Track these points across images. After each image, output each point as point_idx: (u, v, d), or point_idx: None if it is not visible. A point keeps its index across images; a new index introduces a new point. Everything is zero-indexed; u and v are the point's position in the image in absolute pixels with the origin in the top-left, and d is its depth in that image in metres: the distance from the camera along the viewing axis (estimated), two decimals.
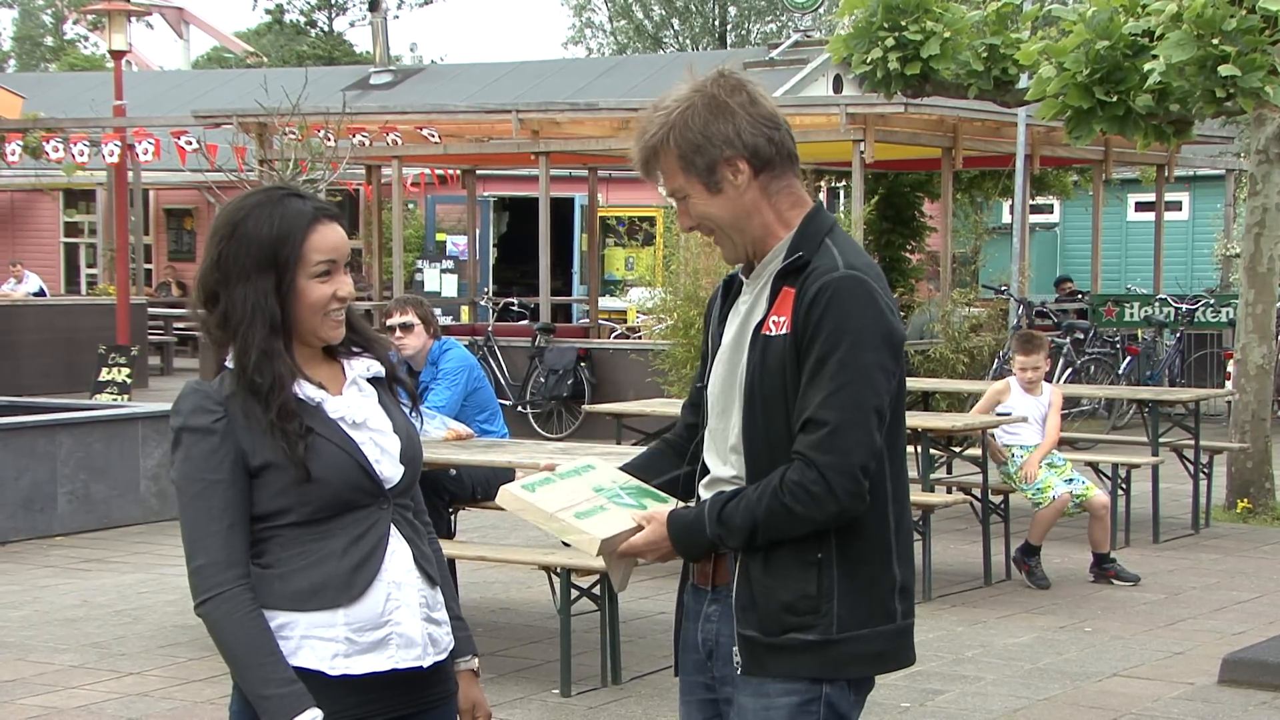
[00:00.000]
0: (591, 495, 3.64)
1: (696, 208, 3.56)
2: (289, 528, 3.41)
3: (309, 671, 3.37)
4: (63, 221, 35.61)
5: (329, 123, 18.49)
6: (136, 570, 10.90)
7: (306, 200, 3.49)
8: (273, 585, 3.40)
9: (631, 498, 3.67)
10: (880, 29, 13.45)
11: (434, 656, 3.49)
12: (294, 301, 3.42)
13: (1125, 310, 19.96)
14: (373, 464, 3.46)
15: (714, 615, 3.60)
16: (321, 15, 59.15)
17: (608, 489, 3.68)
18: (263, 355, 3.39)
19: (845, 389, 3.39)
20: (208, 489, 3.37)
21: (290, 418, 3.38)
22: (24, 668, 8.36)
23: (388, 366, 3.60)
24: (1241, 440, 13.11)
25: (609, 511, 3.60)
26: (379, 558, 3.43)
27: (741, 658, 3.51)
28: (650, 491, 3.72)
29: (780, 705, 3.49)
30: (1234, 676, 8.04)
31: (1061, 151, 20.59)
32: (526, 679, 8.06)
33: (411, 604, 3.45)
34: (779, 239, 3.57)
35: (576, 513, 3.57)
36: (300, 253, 3.42)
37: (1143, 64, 11.79)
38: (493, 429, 9.45)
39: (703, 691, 3.67)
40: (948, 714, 7.52)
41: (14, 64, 57.76)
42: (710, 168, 3.53)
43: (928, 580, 10.02)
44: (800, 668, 3.48)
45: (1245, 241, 13.46)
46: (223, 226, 3.46)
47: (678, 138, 3.54)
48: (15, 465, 11.89)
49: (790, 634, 3.47)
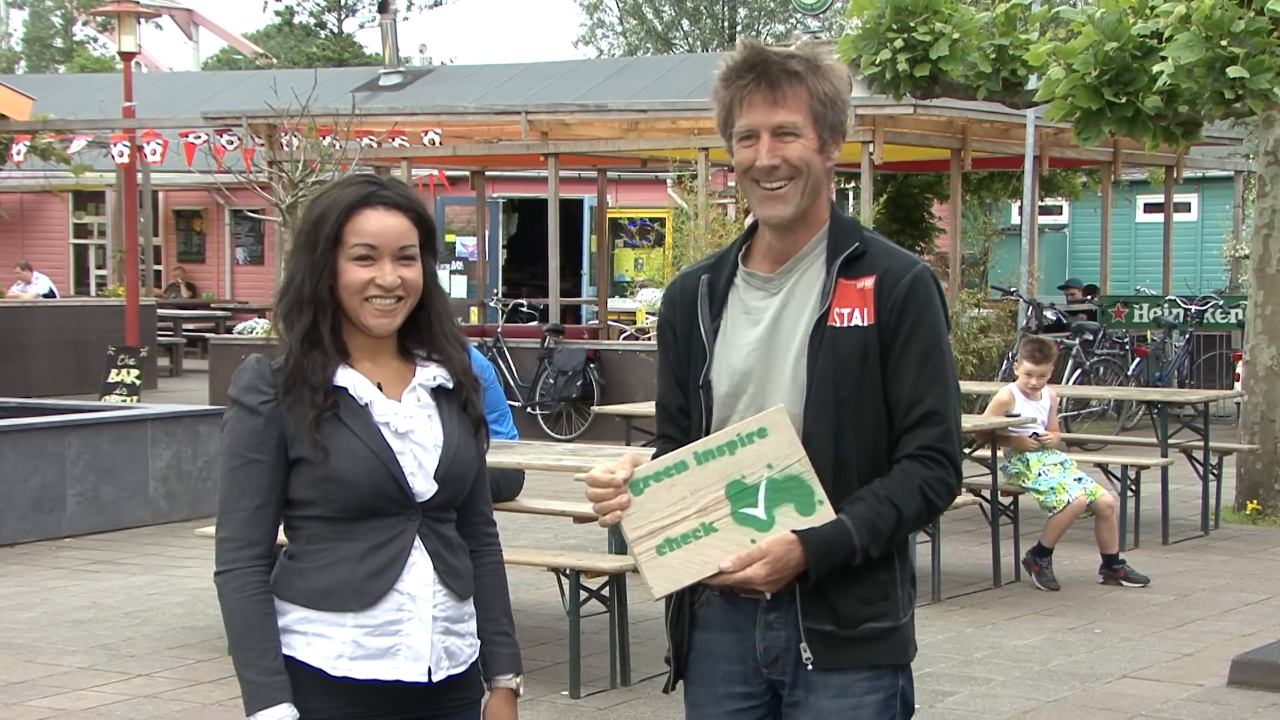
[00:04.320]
0: (707, 505, 3.43)
1: (797, 151, 3.50)
2: (316, 520, 3.41)
3: (312, 668, 3.38)
4: (72, 223, 35.64)
5: (338, 124, 18.51)
6: (146, 572, 10.91)
7: (373, 186, 3.46)
8: (293, 580, 3.42)
9: (772, 498, 3.43)
10: (889, 30, 13.44)
11: (446, 670, 3.46)
12: (337, 284, 3.43)
13: (1134, 311, 19.95)
14: (407, 475, 3.42)
15: (776, 623, 3.54)
16: (331, 17, 59.19)
17: (751, 482, 3.43)
18: (306, 337, 3.41)
19: (949, 383, 3.52)
20: (245, 465, 3.39)
21: (321, 408, 3.38)
22: (33, 669, 8.37)
23: (458, 381, 3.54)
24: (1251, 441, 13.09)
25: (715, 536, 3.41)
26: (397, 568, 3.41)
27: (814, 654, 3.49)
28: (805, 487, 3.43)
29: (868, 704, 3.52)
30: (1243, 678, 8.03)
31: (1070, 153, 20.58)
32: (536, 680, 8.05)
33: (424, 617, 3.42)
34: (821, 223, 3.57)
35: (662, 542, 3.42)
36: (339, 233, 3.42)
37: (1151, 65, 11.78)
38: (502, 430, 9.44)
39: (738, 701, 3.60)
40: (957, 715, 7.51)
41: (24, 65, 57.82)
42: (833, 127, 3.55)
43: (937, 581, 10.01)
44: (878, 655, 3.52)
45: (1254, 243, 13.45)
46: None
47: (823, 84, 3.51)
48: (24, 467, 11.90)
49: (867, 624, 3.50)
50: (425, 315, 3.53)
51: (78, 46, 58.60)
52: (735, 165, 3.57)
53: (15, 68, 56.13)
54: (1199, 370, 20.07)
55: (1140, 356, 19.16)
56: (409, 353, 3.54)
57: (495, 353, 18.73)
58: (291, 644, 3.40)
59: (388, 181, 3.51)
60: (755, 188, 3.54)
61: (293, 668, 3.39)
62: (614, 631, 7.96)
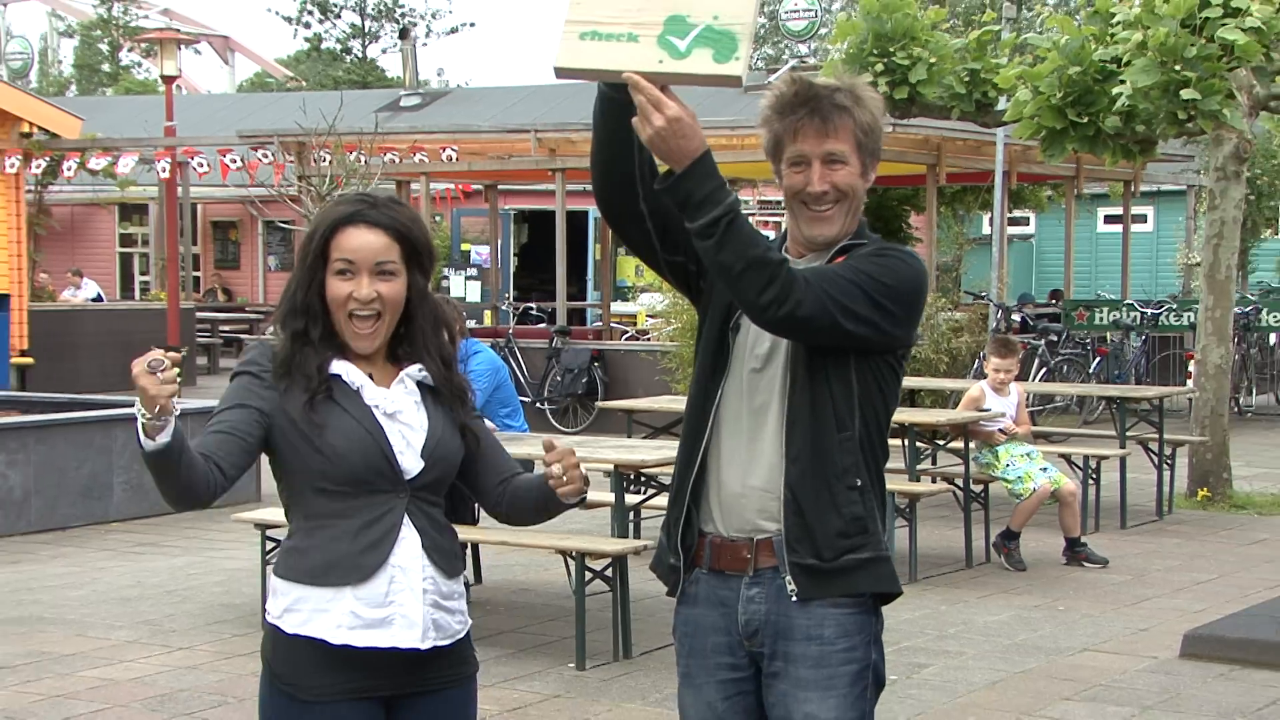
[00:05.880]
0: (643, 22, 3.24)
1: (845, 178, 3.54)
2: (315, 495, 3.42)
3: (315, 640, 3.38)
4: (118, 233, 35.64)
5: (362, 142, 18.51)
6: (186, 554, 10.91)
7: (361, 205, 3.47)
8: (293, 560, 3.43)
9: (699, 38, 3.23)
10: (870, 55, 13.46)
11: (434, 640, 3.45)
12: (325, 294, 3.45)
13: (1095, 314, 19.94)
14: (396, 453, 3.43)
15: (759, 597, 3.56)
16: (356, 43, 59.11)
17: (691, 22, 3.24)
18: (297, 338, 3.45)
19: (857, 286, 3.46)
20: (228, 405, 3.45)
21: (315, 391, 3.41)
22: (83, 643, 8.38)
23: (437, 377, 3.54)
24: (1202, 434, 13.09)
25: (632, 44, 3.24)
26: (389, 543, 3.41)
27: (798, 586, 3.50)
28: (733, 41, 3.23)
29: (842, 674, 3.53)
30: (1194, 651, 8.03)
31: (1036, 168, 20.57)
32: (544, 654, 8.07)
33: (415, 589, 3.42)
34: (848, 236, 3.62)
35: (588, 31, 3.24)
36: (324, 248, 3.44)
37: (1111, 88, 11.79)
38: (514, 423, 9.49)
39: (726, 672, 3.62)
40: (932, 686, 7.52)
41: (75, 89, 57.75)
42: (873, 153, 3.59)
43: (913, 562, 10.01)
44: (859, 584, 3.53)
45: (1205, 251, 13.44)
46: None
47: (865, 115, 3.55)
48: (75, 457, 11.91)
49: (847, 555, 3.51)
50: (409, 329, 3.53)
51: (123, 71, 58.51)
52: (785, 188, 3.60)
53: (66, 91, 56.05)
54: (1154, 369, 20.05)
55: (1100, 356, 19.16)
56: (397, 357, 3.55)
57: (507, 352, 18.72)
58: (293, 622, 3.40)
59: (381, 201, 3.51)
60: (804, 209, 3.58)
61: (296, 645, 3.40)
62: (616, 609, 7.96)
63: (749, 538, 3.57)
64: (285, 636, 3.42)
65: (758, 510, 3.55)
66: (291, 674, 3.41)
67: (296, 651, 3.40)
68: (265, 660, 3.48)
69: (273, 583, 3.50)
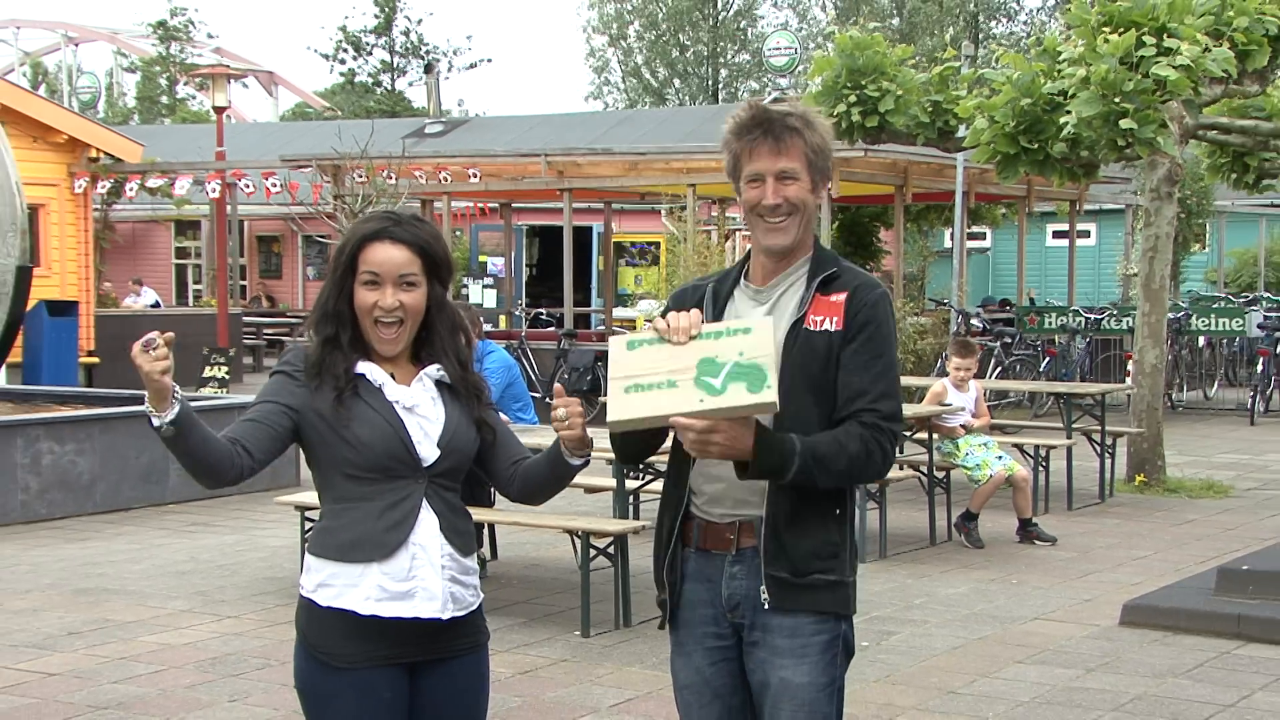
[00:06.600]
0: (678, 369, 3.30)
1: (796, 192, 3.50)
2: (343, 480, 3.41)
3: (345, 612, 3.37)
4: (174, 246, 35.64)
5: (391, 165, 18.50)
6: (234, 532, 10.90)
7: (387, 223, 3.45)
8: (324, 539, 3.43)
9: (730, 374, 3.28)
10: (844, 88, 13.45)
11: (453, 611, 3.45)
12: (354, 303, 3.45)
13: (1045, 319, 19.94)
14: (414, 443, 3.42)
15: (740, 574, 3.53)
16: (386, 77, 59.02)
17: (720, 362, 3.30)
18: (327, 343, 3.44)
19: (894, 382, 3.48)
20: (263, 399, 3.46)
21: (343, 389, 3.40)
22: (143, 611, 8.37)
23: (453, 376, 3.52)
24: (1139, 426, 13.08)
25: (673, 390, 3.28)
26: (410, 523, 3.40)
27: (770, 595, 3.48)
28: (761, 372, 3.26)
29: (814, 644, 3.50)
30: (1132, 619, 8.03)
31: (992, 189, 20.56)
32: (553, 623, 8.06)
33: (434, 564, 3.42)
34: (806, 250, 3.58)
35: (630, 385, 3.31)
36: (353, 261, 3.44)
37: (1058, 118, 11.78)
38: (526, 417, 9.47)
39: (712, 640, 3.60)
40: (899, 651, 7.51)
41: (137, 119, 57.72)
42: (822, 172, 3.56)
43: (883, 541, 10.00)
44: (823, 603, 3.50)
45: (1142, 263, 13.43)
46: None
47: (815, 137, 3.52)
48: (136, 446, 11.90)
49: (815, 575, 3.48)
50: (429, 333, 3.53)
51: (180, 103, 58.52)
52: (743, 203, 3.57)
53: (129, 120, 56.02)
54: (1097, 368, 20.04)
55: (1050, 356, 19.14)
56: (419, 359, 3.55)
57: (520, 353, 18.70)
58: (326, 596, 3.40)
59: (405, 218, 3.49)
60: (760, 221, 3.55)
61: (329, 616, 3.39)
62: (618, 583, 7.95)
63: (732, 521, 3.56)
64: (319, 609, 3.41)
65: (738, 500, 3.54)
66: (325, 643, 3.40)
67: (329, 623, 3.39)
68: (300, 629, 3.47)
69: (307, 560, 3.50)
